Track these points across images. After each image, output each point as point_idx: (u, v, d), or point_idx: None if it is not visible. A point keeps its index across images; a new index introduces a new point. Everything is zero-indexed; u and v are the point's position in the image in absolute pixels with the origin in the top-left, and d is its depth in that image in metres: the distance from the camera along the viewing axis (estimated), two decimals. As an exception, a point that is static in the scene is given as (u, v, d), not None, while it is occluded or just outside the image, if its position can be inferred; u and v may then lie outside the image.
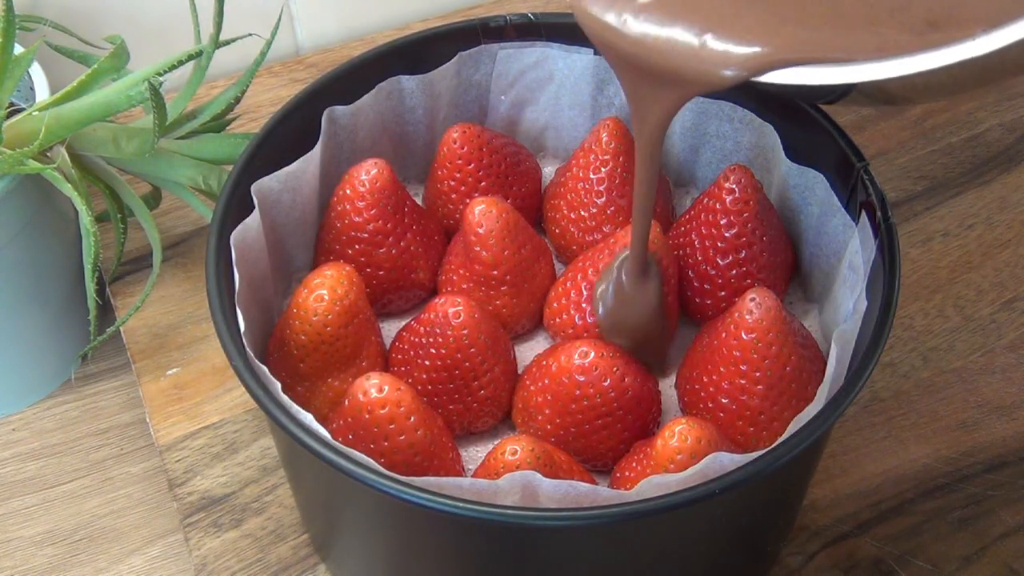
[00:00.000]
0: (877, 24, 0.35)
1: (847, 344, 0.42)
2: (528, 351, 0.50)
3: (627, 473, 0.42)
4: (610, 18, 0.38)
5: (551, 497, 0.37)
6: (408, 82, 0.52)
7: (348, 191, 0.49)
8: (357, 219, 0.49)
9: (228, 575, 0.51)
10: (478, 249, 0.47)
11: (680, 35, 0.37)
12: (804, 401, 0.43)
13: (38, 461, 0.60)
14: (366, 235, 0.48)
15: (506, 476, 0.36)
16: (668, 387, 0.48)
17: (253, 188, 0.46)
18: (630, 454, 0.43)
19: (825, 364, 0.45)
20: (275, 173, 0.47)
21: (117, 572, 0.55)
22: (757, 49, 0.35)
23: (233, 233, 0.44)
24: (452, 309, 0.44)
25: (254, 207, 0.46)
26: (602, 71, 0.54)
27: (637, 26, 0.38)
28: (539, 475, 0.36)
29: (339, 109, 0.50)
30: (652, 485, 0.36)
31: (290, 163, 0.48)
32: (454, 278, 0.49)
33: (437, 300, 0.44)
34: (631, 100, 0.41)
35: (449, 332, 0.44)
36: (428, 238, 0.51)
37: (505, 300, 0.48)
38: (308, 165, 0.49)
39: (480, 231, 0.47)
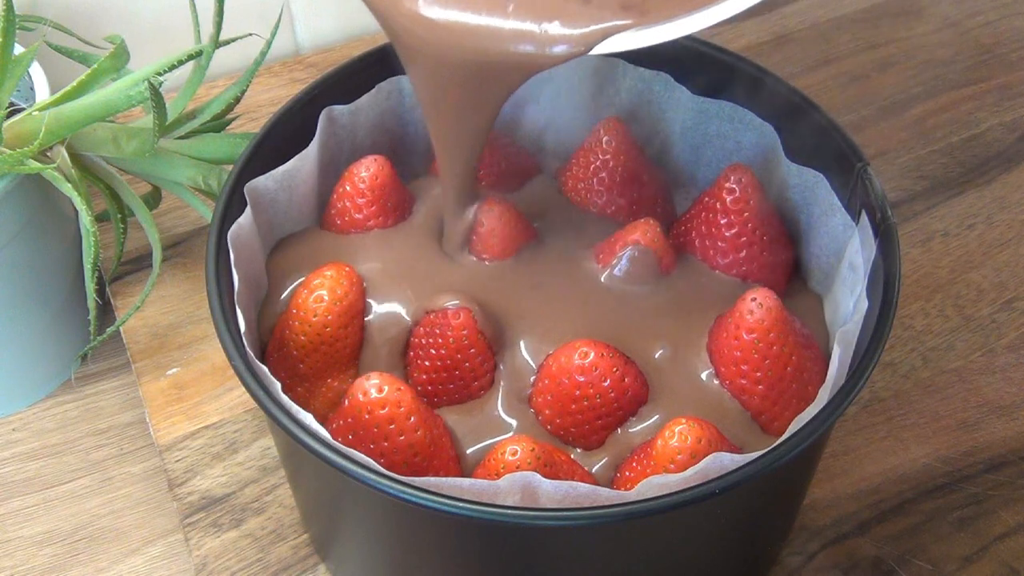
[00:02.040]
0: None
1: (848, 345, 0.42)
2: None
3: (627, 473, 0.42)
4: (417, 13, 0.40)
5: (551, 497, 0.37)
6: (408, 81, 0.52)
7: (348, 187, 0.49)
8: (357, 216, 0.49)
9: (228, 575, 0.51)
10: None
11: (511, 23, 0.39)
12: (805, 401, 0.43)
13: (38, 461, 0.60)
14: (366, 232, 0.49)
15: (506, 476, 0.36)
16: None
17: (246, 188, 0.46)
18: (630, 454, 0.43)
19: (825, 364, 0.45)
20: (270, 172, 0.47)
21: (117, 572, 0.55)
22: (594, 26, 0.38)
23: (228, 233, 0.44)
24: (452, 309, 0.44)
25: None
26: (603, 71, 0.54)
27: (446, 14, 0.40)
28: (539, 476, 0.36)
29: (338, 108, 0.50)
30: (652, 485, 0.36)
31: (289, 163, 0.48)
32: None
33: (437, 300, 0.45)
34: (449, 96, 0.43)
35: (449, 332, 0.44)
36: (428, 237, 0.51)
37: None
38: (304, 164, 0.49)
39: (481, 230, 0.47)
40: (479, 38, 0.40)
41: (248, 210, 0.46)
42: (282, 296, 0.47)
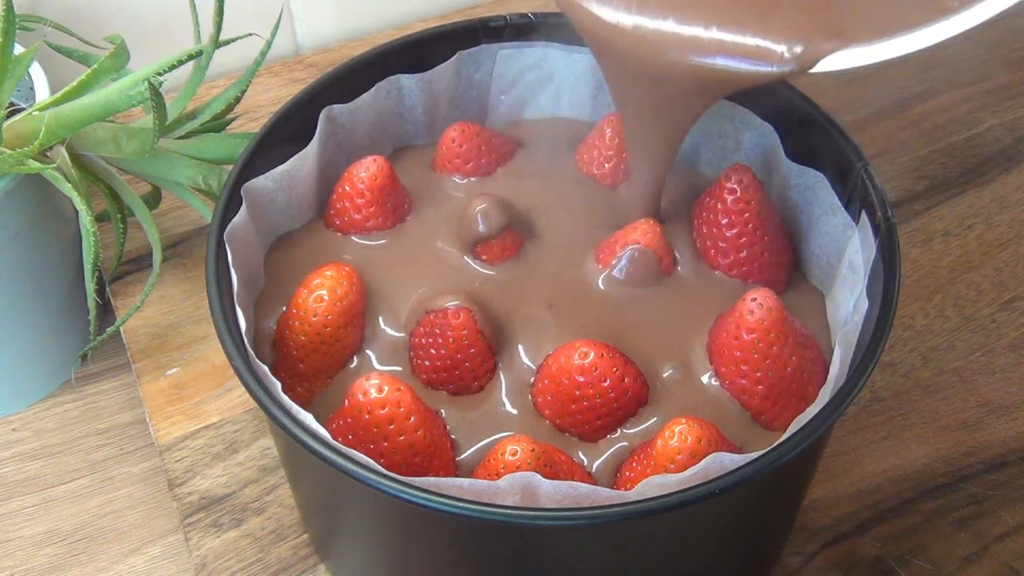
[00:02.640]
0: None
1: (849, 346, 0.42)
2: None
3: (627, 473, 0.42)
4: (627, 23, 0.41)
5: (551, 498, 0.37)
6: (407, 81, 0.52)
7: (347, 188, 0.49)
8: (356, 216, 0.49)
9: (228, 575, 0.51)
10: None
11: (729, 34, 0.40)
12: (805, 401, 0.43)
13: (38, 461, 0.60)
14: (365, 232, 0.49)
15: (506, 477, 0.36)
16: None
17: (243, 188, 0.46)
18: (630, 455, 0.43)
19: (825, 364, 0.45)
20: (268, 172, 0.47)
21: (117, 572, 0.55)
22: (818, 44, 0.39)
23: (225, 232, 0.44)
24: (452, 309, 0.44)
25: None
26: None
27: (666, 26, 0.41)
28: (539, 476, 0.36)
29: (338, 108, 0.50)
30: (652, 485, 0.36)
31: (288, 163, 0.48)
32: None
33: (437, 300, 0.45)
34: (650, 106, 0.43)
35: (449, 332, 0.44)
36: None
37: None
38: (303, 163, 0.49)
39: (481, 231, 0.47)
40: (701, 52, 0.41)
41: (244, 209, 0.46)
42: (281, 295, 0.47)
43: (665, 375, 0.44)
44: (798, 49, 0.40)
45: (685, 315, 0.46)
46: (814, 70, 0.40)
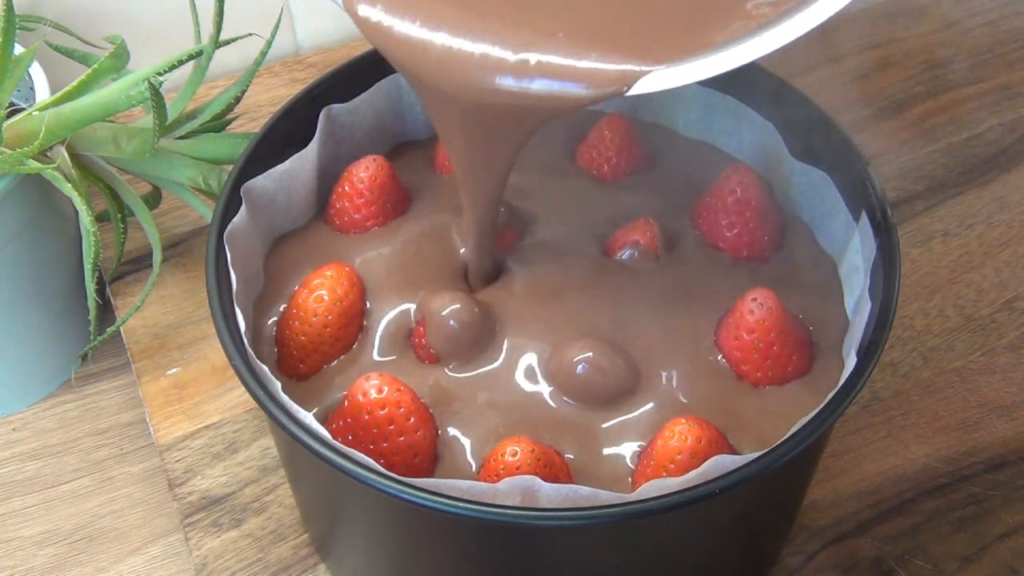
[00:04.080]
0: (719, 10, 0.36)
1: (851, 345, 0.42)
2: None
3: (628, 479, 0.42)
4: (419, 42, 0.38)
5: (552, 501, 0.37)
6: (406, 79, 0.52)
7: (347, 188, 0.49)
8: (356, 216, 0.49)
9: (228, 575, 0.51)
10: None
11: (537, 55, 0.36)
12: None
13: (38, 461, 0.60)
14: (365, 231, 0.49)
15: (506, 480, 0.36)
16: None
17: (243, 188, 0.46)
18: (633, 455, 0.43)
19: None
20: (268, 172, 0.47)
21: (117, 572, 0.55)
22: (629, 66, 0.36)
23: (224, 233, 0.44)
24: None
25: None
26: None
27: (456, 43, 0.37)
28: (539, 480, 0.36)
29: (337, 107, 0.50)
30: (652, 486, 0.36)
31: (289, 163, 0.48)
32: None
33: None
34: (465, 138, 0.40)
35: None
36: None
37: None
38: (304, 163, 0.49)
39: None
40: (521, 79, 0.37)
41: (244, 209, 0.46)
42: (280, 294, 0.47)
43: (664, 374, 0.44)
44: (622, 68, 0.36)
45: (687, 308, 0.46)
46: (631, 92, 0.37)
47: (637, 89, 0.36)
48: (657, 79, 0.36)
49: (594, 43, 0.37)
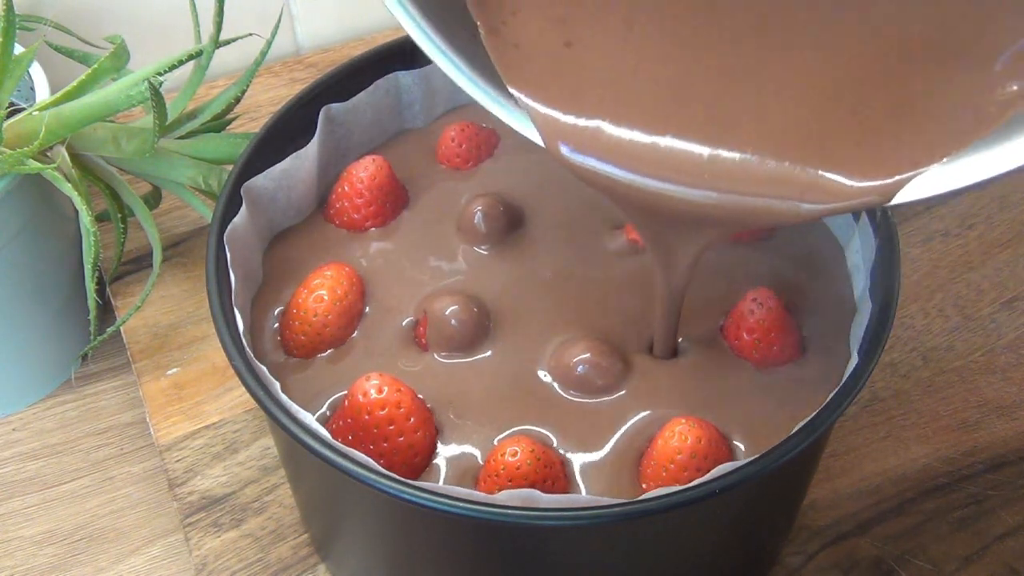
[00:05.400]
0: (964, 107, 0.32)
1: (852, 344, 0.42)
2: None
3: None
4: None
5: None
6: (405, 78, 0.52)
7: (346, 188, 0.49)
8: (355, 216, 0.49)
9: (228, 575, 0.51)
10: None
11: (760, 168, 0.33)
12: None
13: (38, 461, 0.60)
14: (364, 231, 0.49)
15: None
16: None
17: (243, 187, 0.46)
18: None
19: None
20: (267, 171, 0.47)
21: (117, 572, 0.55)
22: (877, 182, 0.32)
23: (225, 233, 0.44)
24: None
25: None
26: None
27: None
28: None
29: (336, 107, 0.50)
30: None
31: (288, 163, 0.48)
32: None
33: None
34: (662, 242, 0.37)
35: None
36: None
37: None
38: (303, 163, 0.49)
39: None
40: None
41: (244, 209, 0.46)
42: (279, 291, 0.47)
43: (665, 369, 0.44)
44: (876, 182, 0.32)
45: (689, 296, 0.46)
46: (893, 202, 0.33)
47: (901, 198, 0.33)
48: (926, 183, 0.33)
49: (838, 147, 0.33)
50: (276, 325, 0.46)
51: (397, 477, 0.36)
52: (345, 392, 0.41)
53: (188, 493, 0.54)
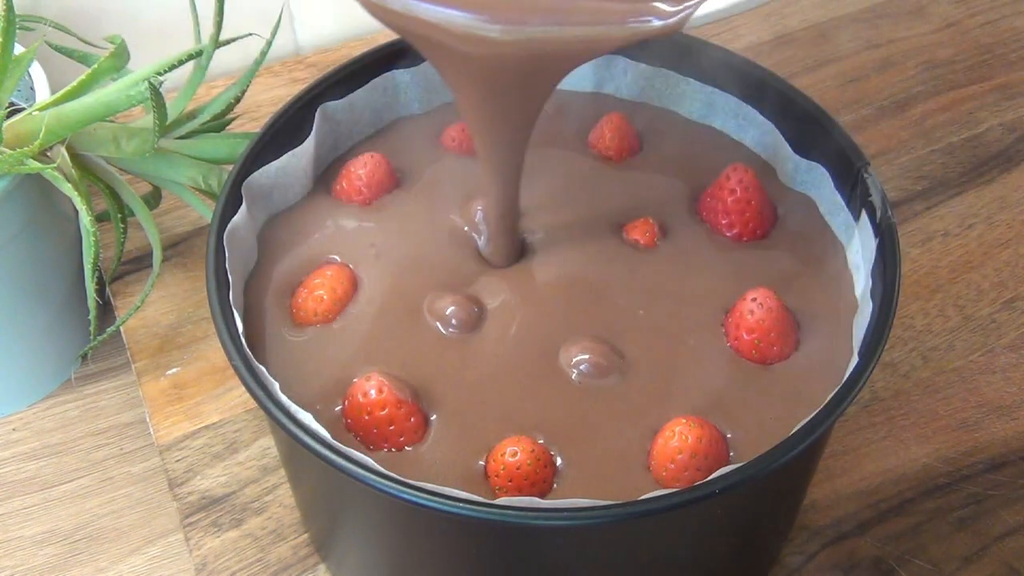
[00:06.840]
0: None
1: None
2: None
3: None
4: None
5: None
6: (403, 76, 0.52)
7: (345, 185, 0.49)
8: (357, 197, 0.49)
9: (228, 575, 0.51)
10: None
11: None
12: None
13: (38, 461, 0.60)
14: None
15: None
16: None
17: (243, 186, 0.46)
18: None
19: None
20: (263, 168, 0.47)
21: (117, 572, 0.55)
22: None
23: (224, 232, 0.44)
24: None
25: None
26: (601, 67, 0.54)
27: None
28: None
29: (332, 104, 0.50)
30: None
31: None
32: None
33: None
34: (492, 98, 0.38)
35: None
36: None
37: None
38: (300, 160, 0.49)
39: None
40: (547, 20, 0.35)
41: (243, 208, 0.46)
42: (273, 270, 0.47)
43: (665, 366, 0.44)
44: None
45: (691, 296, 0.46)
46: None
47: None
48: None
49: None
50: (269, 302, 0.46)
51: (397, 477, 0.36)
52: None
53: (188, 493, 0.54)
